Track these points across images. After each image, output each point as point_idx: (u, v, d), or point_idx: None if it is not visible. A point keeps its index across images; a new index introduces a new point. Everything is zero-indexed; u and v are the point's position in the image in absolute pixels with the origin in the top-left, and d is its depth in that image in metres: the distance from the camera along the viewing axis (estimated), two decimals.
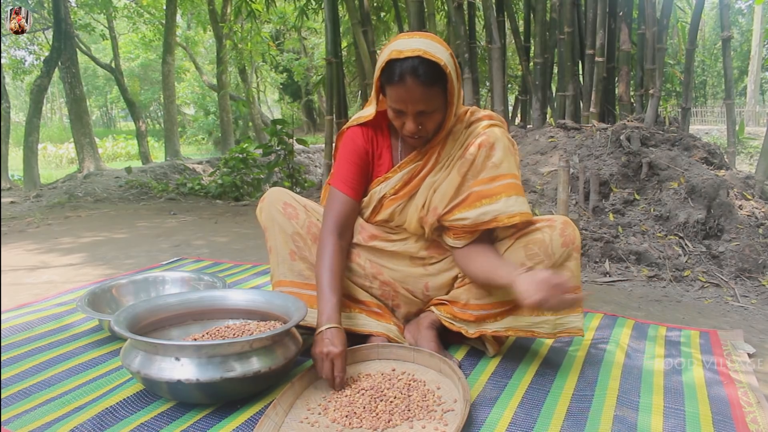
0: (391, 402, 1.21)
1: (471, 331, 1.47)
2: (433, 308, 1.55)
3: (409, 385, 1.28)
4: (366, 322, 1.48)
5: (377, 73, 1.36)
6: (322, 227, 1.47)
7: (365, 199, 1.53)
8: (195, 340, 1.38)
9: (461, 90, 1.45)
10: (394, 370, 1.36)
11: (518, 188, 1.40)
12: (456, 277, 1.53)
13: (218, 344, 1.19)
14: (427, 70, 1.27)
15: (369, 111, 1.49)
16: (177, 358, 1.18)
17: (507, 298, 1.40)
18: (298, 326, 1.37)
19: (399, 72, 1.28)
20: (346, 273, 1.53)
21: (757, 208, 2.92)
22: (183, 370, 1.16)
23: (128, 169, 7.65)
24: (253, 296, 1.53)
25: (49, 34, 10.20)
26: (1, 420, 1.19)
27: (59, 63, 8.38)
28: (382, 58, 1.33)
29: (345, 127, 1.55)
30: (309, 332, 1.45)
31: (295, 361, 1.39)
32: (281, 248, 1.50)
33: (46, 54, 9.61)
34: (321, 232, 1.47)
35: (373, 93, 1.44)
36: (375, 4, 6.31)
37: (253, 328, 1.41)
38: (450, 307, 1.51)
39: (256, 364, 1.21)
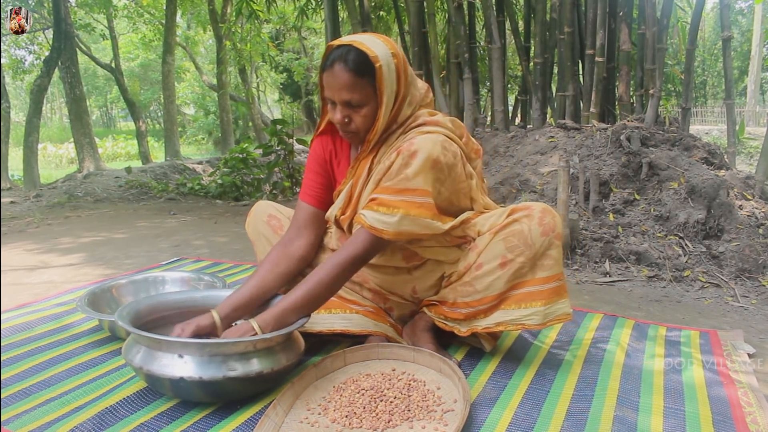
0: (391, 402, 1.21)
1: (463, 330, 1.47)
2: (425, 309, 1.55)
3: (409, 385, 1.28)
4: (363, 322, 1.48)
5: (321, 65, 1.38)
6: (284, 237, 1.52)
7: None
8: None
9: (408, 95, 1.39)
10: (394, 370, 1.36)
11: (422, 208, 1.30)
12: (443, 276, 1.52)
13: (222, 343, 1.19)
14: (355, 59, 1.29)
15: (318, 122, 1.54)
16: (180, 355, 1.18)
17: (493, 293, 1.40)
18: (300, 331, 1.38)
19: (330, 59, 1.32)
20: None
21: (757, 208, 2.92)
22: (186, 367, 1.16)
23: (128, 169, 7.65)
24: None
25: (49, 33, 10.21)
26: (1, 420, 1.19)
27: (59, 63, 8.38)
28: (325, 51, 1.37)
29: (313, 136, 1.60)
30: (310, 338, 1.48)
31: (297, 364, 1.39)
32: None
33: (46, 54, 9.60)
34: (282, 237, 1.52)
35: (320, 93, 1.45)
36: (375, 4, 6.31)
37: None
38: (440, 308, 1.51)
39: (257, 365, 1.21)
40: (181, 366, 1.17)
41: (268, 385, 1.30)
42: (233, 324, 1.35)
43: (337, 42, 1.33)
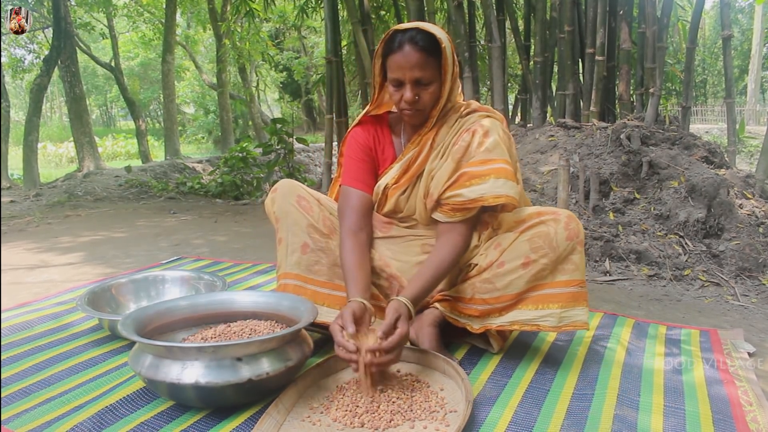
0: (393, 402, 1.21)
1: (476, 327, 1.47)
2: (436, 304, 1.54)
3: (413, 385, 1.28)
4: None
5: (378, 48, 1.44)
6: (341, 227, 1.49)
7: (373, 195, 1.57)
8: (210, 340, 1.35)
9: (458, 78, 1.50)
10: (398, 371, 1.36)
11: (508, 173, 1.42)
12: (461, 270, 1.53)
13: (230, 344, 1.17)
14: (424, 38, 1.38)
15: (367, 108, 1.59)
16: (196, 359, 1.16)
17: (512, 292, 1.42)
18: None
19: (399, 40, 1.39)
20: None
21: (757, 207, 2.92)
22: (196, 372, 1.15)
23: (128, 168, 7.65)
24: (263, 298, 1.50)
25: (49, 32, 10.21)
26: (1, 419, 1.19)
27: (59, 62, 8.37)
28: (384, 37, 1.43)
29: (347, 131, 1.62)
30: (314, 329, 1.50)
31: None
32: (293, 240, 1.50)
33: (46, 53, 9.59)
34: (340, 231, 1.49)
35: (375, 78, 1.51)
36: (375, 4, 6.30)
37: (263, 329, 1.39)
38: (455, 303, 1.51)
39: (276, 364, 1.20)
40: (192, 371, 1.15)
41: (282, 384, 1.27)
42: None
43: (398, 27, 1.41)
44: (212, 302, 1.51)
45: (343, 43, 5.96)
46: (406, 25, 1.42)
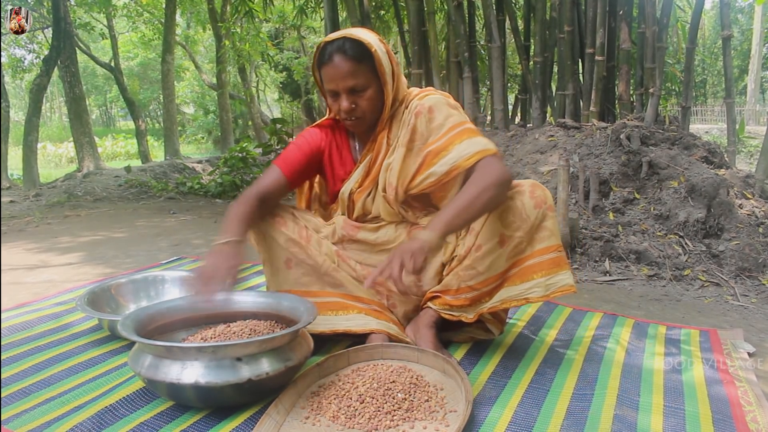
0: (393, 402, 1.21)
1: (470, 316, 1.48)
2: (429, 304, 1.55)
3: (413, 385, 1.28)
4: (366, 321, 1.48)
5: (314, 61, 1.46)
6: (248, 189, 1.51)
7: (338, 201, 1.60)
8: (209, 340, 1.35)
9: (401, 75, 1.52)
10: (398, 369, 1.36)
11: (467, 132, 1.44)
12: (444, 264, 1.54)
13: (230, 344, 1.17)
14: (352, 47, 1.40)
15: (328, 114, 1.60)
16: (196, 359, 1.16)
17: (495, 273, 1.43)
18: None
19: (328, 52, 1.41)
20: (341, 273, 1.55)
21: (757, 207, 2.92)
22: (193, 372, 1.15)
23: (128, 168, 7.64)
24: (263, 299, 1.50)
25: (49, 33, 10.20)
26: (1, 419, 1.19)
27: (59, 62, 8.36)
28: (316, 49, 1.45)
29: (306, 128, 1.64)
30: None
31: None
32: (275, 259, 1.51)
33: (46, 53, 9.59)
34: (245, 192, 1.50)
35: (320, 91, 1.52)
36: (374, 3, 6.30)
37: (263, 330, 1.38)
38: (444, 298, 1.51)
39: (275, 364, 1.20)
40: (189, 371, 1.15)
41: (282, 384, 1.27)
42: None
43: (328, 38, 1.43)
44: (212, 302, 1.50)
45: None
46: (335, 34, 1.43)
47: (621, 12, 3.86)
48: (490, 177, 1.34)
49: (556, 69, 4.40)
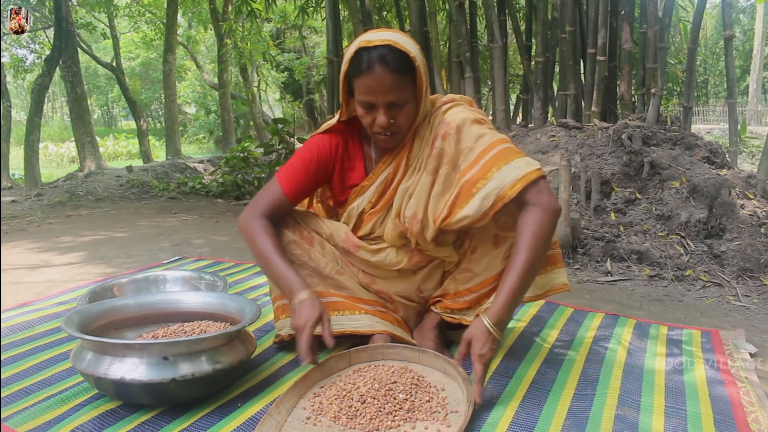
0: (395, 403, 1.21)
1: (469, 318, 1.48)
2: (432, 308, 1.56)
3: (414, 386, 1.28)
4: (371, 323, 1.48)
5: (344, 67, 1.30)
6: (253, 208, 1.42)
7: (345, 215, 1.51)
8: (154, 337, 1.37)
9: (428, 87, 1.40)
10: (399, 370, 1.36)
11: (507, 154, 1.28)
12: (444, 270, 1.54)
13: (174, 342, 1.19)
14: (396, 58, 1.25)
15: (336, 119, 1.45)
16: (165, 357, 1.17)
17: (492, 274, 1.42)
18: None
19: (367, 61, 1.25)
20: (345, 276, 1.55)
21: (759, 208, 2.92)
22: (133, 369, 1.16)
23: (129, 168, 7.65)
24: (210, 299, 1.52)
25: (51, 32, 10.23)
26: (2, 417, 1.19)
27: (60, 62, 8.38)
28: (350, 50, 1.30)
29: (315, 132, 1.50)
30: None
31: (248, 363, 1.37)
32: None
33: (48, 53, 9.61)
34: (251, 212, 1.42)
35: (341, 94, 1.38)
36: (376, 3, 6.30)
37: (205, 328, 1.40)
38: (445, 302, 1.52)
39: (202, 366, 1.19)
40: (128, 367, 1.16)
41: (219, 385, 1.29)
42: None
43: (364, 41, 1.27)
44: (160, 302, 1.53)
45: (345, 42, 5.96)
46: (373, 39, 1.27)
47: (623, 12, 3.86)
48: (540, 227, 1.22)
49: (557, 69, 4.40)
